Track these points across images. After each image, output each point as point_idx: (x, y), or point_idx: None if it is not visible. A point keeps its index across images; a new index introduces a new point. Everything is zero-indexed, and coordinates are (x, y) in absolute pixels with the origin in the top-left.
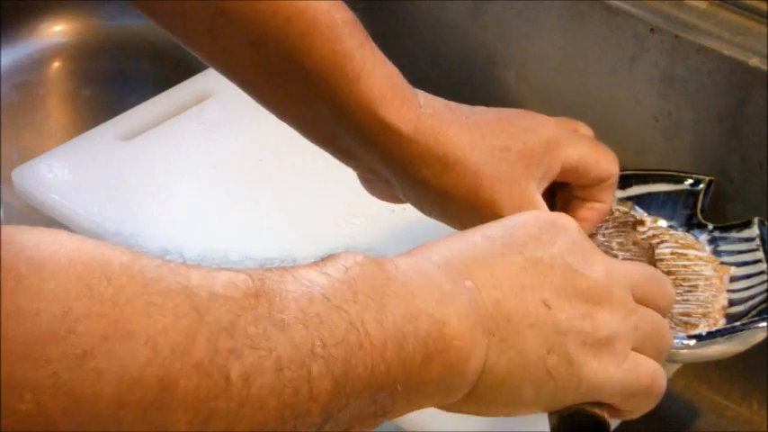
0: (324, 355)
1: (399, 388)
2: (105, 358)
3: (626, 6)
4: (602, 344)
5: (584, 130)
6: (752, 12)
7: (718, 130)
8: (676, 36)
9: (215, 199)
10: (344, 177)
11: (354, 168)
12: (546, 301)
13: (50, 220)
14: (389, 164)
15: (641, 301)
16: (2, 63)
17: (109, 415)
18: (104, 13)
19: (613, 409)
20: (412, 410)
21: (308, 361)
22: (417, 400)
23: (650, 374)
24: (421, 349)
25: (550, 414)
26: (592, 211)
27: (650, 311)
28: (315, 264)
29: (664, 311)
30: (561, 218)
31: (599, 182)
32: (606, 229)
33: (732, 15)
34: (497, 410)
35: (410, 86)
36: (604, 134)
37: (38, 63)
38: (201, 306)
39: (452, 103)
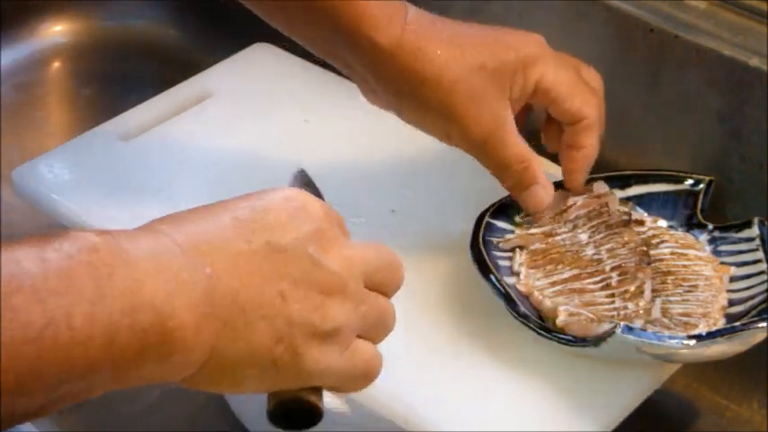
0: (10, 353)
1: (107, 375)
2: None
3: (626, 6)
4: (328, 335)
5: (588, 73)
6: (752, 12)
7: (719, 130)
8: (676, 36)
9: (215, 199)
10: (344, 178)
11: (354, 80)
12: (283, 292)
13: (50, 220)
14: (378, 77)
15: (373, 286)
16: (2, 63)
17: None
18: (104, 13)
19: (333, 389)
20: (121, 388)
21: None
22: (128, 381)
23: (368, 360)
24: (136, 342)
25: (270, 396)
26: (573, 162)
27: (379, 299)
28: (42, 241)
29: (390, 296)
30: (310, 202)
31: (572, 118)
32: (598, 233)
33: (732, 15)
34: (220, 390)
35: (401, 1)
36: (605, 134)
37: (38, 63)
38: None
39: (441, 19)
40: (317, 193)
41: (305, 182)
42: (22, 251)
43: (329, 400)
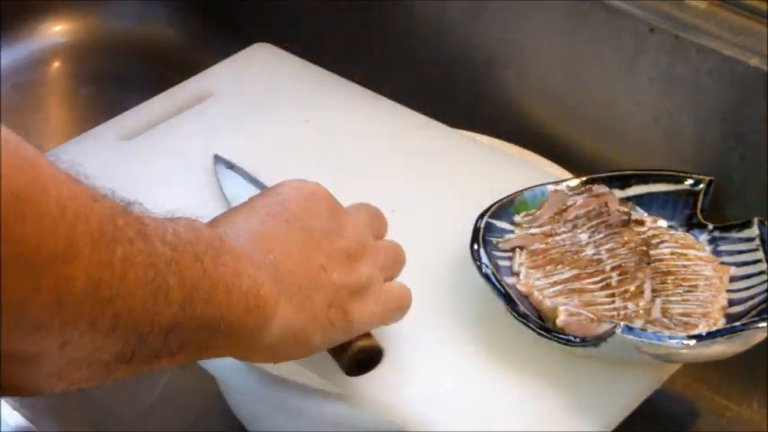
0: (177, 272)
1: (222, 327)
2: (29, 203)
3: (626, 6)
4: (363, 289)
5: None
6: (752, 12)
7: (719, 130)
8: (676, 36)
9: (215, 199)
10: (344, 177)
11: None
12: (323, 265)
13: None
14: None
15: (375, 236)
16: (2, 63)
17: (30, 257)
18: (104, 13)
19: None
20: (221, 355)
21: (166, 270)
22: (230, 345)
23: (399, 296)
24: (243, 301)
25: (338, 355)
26: None
27: (386, 243)
28: (164, 217)
29: (384, 234)
30: (315, 187)
31: None
32: (598, 233)
33: (732, 15)
34: (290, 357)
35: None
36: (604, 134)
37: (38, 63)
38: (94, 196)
39: None
40: (243, 172)
41: (227, 165)
42: (154, 217)
43: (329, 401)
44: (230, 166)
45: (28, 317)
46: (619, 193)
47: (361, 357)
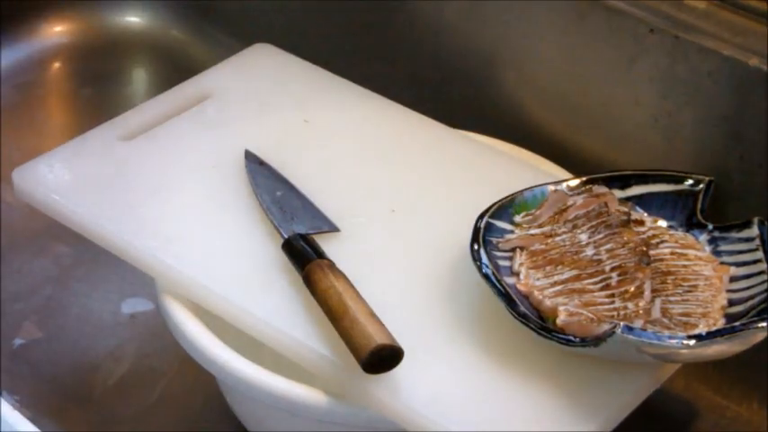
0: None
1: None
2: None
3: (626, 6)
4: None
5: None
6: (752, 12)
7: (719, 130)
8: (676, 36)
9: (215, 199)
10: (344, 177)
11: None
12: None
13: (50, 220)
14: None
15: None
16: (2, 63)
17: None
18: (104, 13)
19: None
20: None
21: None
22: None
23: None
24: None
25: (354, 353)
26: None
27: None
28: None
29: None
30: None
31: None
32: (598, 233)
33: (732, 15)
34: None
35: None
36: (604, 134)
37: (38, 63)
38: None
39: None
40: (272, 168)
41: (258, 161)
42: None
43: (330, 401)
44: (260, 162)
45: None
46: (619, 193)
47: (384, 354)
